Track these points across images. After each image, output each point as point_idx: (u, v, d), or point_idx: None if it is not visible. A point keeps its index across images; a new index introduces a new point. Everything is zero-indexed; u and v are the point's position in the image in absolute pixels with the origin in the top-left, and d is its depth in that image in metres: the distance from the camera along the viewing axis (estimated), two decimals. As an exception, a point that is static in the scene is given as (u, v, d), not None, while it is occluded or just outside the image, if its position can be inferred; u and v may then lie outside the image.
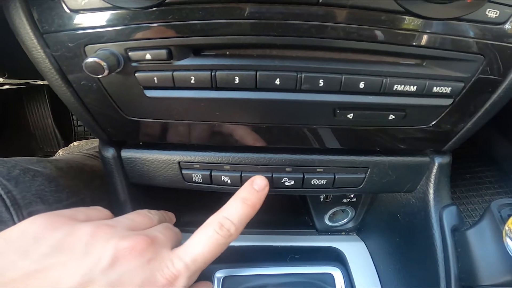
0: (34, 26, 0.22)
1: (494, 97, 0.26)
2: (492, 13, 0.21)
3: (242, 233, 0.28)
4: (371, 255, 0.38)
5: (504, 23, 0.21)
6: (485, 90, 0.25)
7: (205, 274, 0.36)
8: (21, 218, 0.25)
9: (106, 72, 0.21)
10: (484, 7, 0.21)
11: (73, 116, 1.13)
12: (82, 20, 0.21)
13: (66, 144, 1.08)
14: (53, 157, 0.43)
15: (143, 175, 0.32)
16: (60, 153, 0.68)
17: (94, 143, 0.71)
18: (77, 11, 0.21)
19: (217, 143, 0.28)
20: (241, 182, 0.30)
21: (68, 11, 0.21)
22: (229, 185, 0.31)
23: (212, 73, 0.23)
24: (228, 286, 0.33)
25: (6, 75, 0.57)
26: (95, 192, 0.39)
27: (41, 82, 0.71)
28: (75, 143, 0.73)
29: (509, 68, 0.24)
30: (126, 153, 0.31)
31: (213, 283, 0.34)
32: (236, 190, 0.31)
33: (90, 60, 0.21)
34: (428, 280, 0.28)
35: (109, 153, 0.31)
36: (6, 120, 1.09)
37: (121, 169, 0.32)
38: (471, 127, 0.28)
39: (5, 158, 0.35)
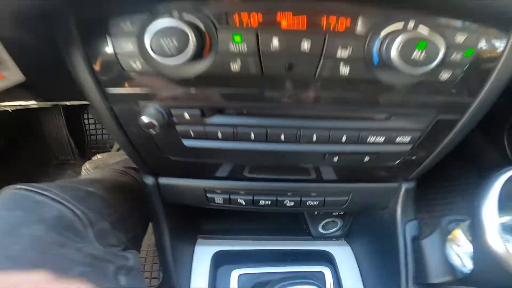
0: (97, 82, 0.28)
1: (448, 138, 0.34)
2: (445, 74, 0.27)
3: (254, 239, 0.37)
4: (355, 257, 0.47)
5: (455, 81, 0.27)
6: (439, 134, 0.33)
7: (224, 273, 0.45)
8: (92, 234, 0.33)
9: (157, 129, 0.29)
10: (440, 71, 0.27)
11: (86, 126, 1.20)
12: (138, 81, 0.27)
13: (80, 152, 1.16)
14: (97, 176, 0.51)
15: (175, 197, 0.41)
16: (87, 166, 0.75)
17: (115, 156, 0.79)
18: (133, 73, 0.27)
19: (236, 175, 0.37)
20: (253, 203, 0.39)
21: (125, 72, 0.27)
22: (243, 206, 0.39)
23: (234, 130, 0.31)
24: (243, 281, 0.42)
25: (41, 99, 0.64)
26: (129, 206, 0.47)
27: (68, 103, 0.78)
28: (98, 156, 0.80)
29: (462, 112, 0.30)
30: (163, 180, 0.39)
31: (230, 279, 0.43)
32: (249, 209, 0.40)
33: (146, 120, 0.29)
34: (394, 278, 0.37)
35: (149, 180, 0.40)
36: (22, 129, 1.16)
37: (158, 192, 0.40)
38: (429, 162, 0.36)
39: (62, 182, 0.43)
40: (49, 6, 0.24)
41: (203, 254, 0.48)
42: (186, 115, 0.30)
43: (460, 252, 0.31)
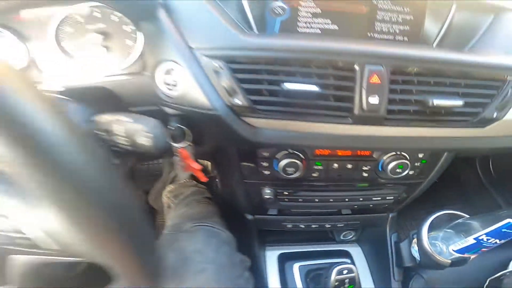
0: (241, 177, 0.60)
1: (415, 193, 0.66)
2: (411, 172, 0.60)
3: (302, 244, 0.68)
4: (364, 253, 0.81)
5: (416, 173, 0.61)
6: (410, 192, 0.65)
7: (289, 266, 0.77)
8: (234, 246, 0.63)
9: (272, 200, 0.60)
10: (408, 172, 0.60)
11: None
12: (264, 178, 0.59)
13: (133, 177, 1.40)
14: (205, 209, 0.80)
15: (264, 225, 0.72)
16: (168, 195, 1.04)
17: (184, 187, 1.07)
18: (263, 175, 0.59)
19: (300, 213, 0.69)
20: (308, 226, 0.71)
21: (259, 175, 0.59)
22: (302, 228, 0.71)
23: (308, 198, 0.62)
24: (301, 269, 0.74)
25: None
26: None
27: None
28: (171, 186, 1.09)
29: (424, 179, 0.63)
30: (258, 217, 0.70)
31: (293, 269, 0.75)
32: (304, 229, 0.72)
33: (267, 197, 0.60)
34: (386, 264, 0.70)
35: (250, 217, 0.71)
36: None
37: (254, 223, 0.71)
38: (405, 203, 0.69)
39: (207, 218, 0.73)
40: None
41: (272, 256, 0.80)
42: (285, 192, 0.61)
43: (417, 250, 0.64)
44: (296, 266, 0.76)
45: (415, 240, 0.66)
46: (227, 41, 0.41)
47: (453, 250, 0.53)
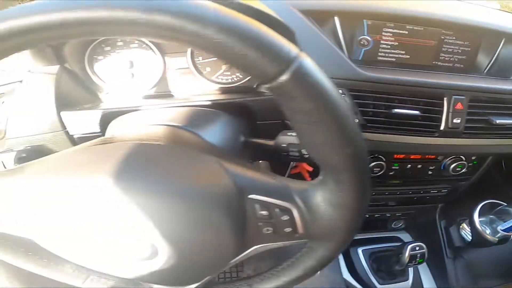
0: None
1: (463, 187, 0.82)
2: (464, 170, 0.77)
3: (362, 233, 0.85)
4: (412, 238, 0.97)
5: (468, 172, 0.78)
6: (459, 186, 0.81)
7: (353, 250, 0.93)
8: None
9: None
10: (464, 170, 0.76)
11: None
12: None
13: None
14: None
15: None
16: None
17: None
18: None
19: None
20: (372, 216, 0.87)
21: None
22: (365, 218, 0.87)
23: (378, 192, 0.78)
24: (365, 252, 0.90)
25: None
26: None
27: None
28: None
29: (471, 177, 0.80)
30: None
31: (358, 252, 0.91)
32: (366, 218, 0.88)
33: None
34: (434, 247, 0.86)
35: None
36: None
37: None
38: (452, 196, 0.85)
39: None
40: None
41: (336, 242, 0.96)
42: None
43: (466, 231, 0.81)
44: (360, 250, 0.92)
45: (463, 224, 0.82)
46: (349, 74, 0.55)
47: (500, 230, 0.70)
